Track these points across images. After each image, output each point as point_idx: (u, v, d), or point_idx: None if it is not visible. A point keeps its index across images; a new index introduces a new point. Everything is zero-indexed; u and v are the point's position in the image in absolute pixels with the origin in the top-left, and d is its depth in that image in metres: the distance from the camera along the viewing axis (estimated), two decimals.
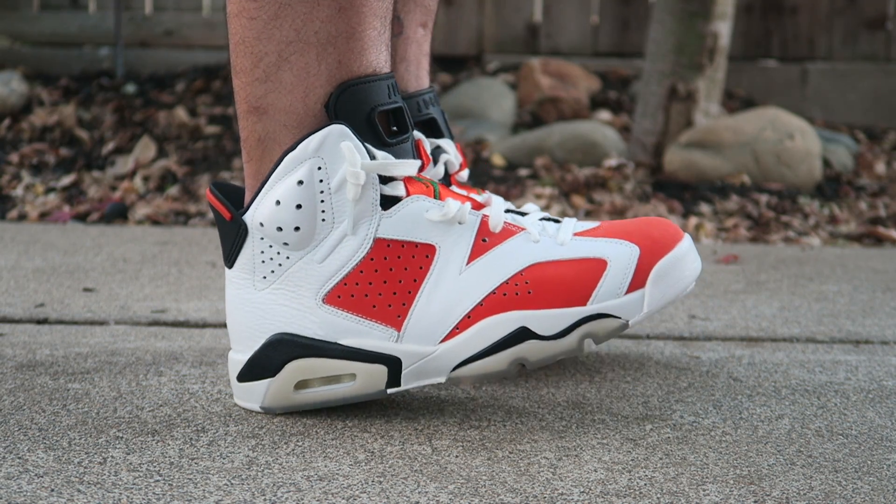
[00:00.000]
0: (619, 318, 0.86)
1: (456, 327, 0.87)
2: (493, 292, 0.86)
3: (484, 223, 0.89)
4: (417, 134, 1.04)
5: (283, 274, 0.88)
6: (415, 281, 0.87)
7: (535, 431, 0.87)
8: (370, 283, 0.87)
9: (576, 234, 0.90)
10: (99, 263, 1.64)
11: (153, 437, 0.84)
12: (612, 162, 2.68)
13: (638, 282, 0.86)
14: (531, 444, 0.84)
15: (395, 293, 0.87)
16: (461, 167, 1.09)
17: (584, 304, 0.86)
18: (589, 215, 2.42)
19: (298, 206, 0.86)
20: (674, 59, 2.77)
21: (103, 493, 0.73)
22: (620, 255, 0.87)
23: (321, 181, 0.86)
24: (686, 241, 0.89)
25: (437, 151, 1.07)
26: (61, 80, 3.44)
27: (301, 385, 0.88)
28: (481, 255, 0.87)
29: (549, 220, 0.93)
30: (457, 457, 0.81)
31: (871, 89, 3.39)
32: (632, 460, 0.81)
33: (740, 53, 3.46)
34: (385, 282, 0.87)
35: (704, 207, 2.48)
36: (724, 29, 2.79)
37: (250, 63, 0.86)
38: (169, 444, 0.83)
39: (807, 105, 3.38)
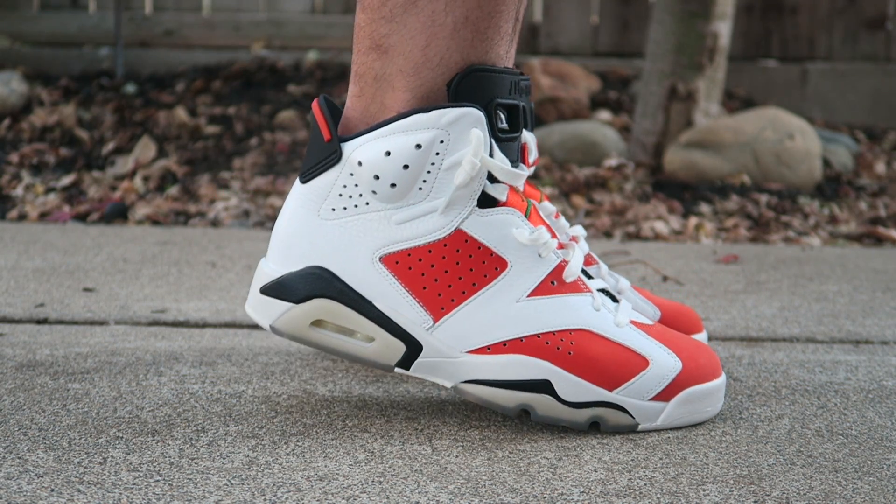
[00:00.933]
0: (633, 418, 0.87)
1: (488, 347, 0.86)
2: (538, 336, 0.86)
3: (560, 267, 0.88)
4: (526, 136, 1.02)
5: (355, 216, 0.86)
6: (474, 285, 0.86)
7: (535, 431, 0.87)
8: (432, 266, 0.86)
9: (632, 322, 0.90)
10: (99, 263, 1.64)
11: (153, 437, 0.84)
12: (612, 162, 2.68)
13: (666, 395, 0.87)
14: (531, 444, 0.84)
15: (449, 286, 0.86)
16: (534, 162, 1.08)
17: (610, 389, 0.86)
18: (589, 215, 2.42)
19: (405, 167, 0.84)
20: (674, 59, 2.77)
21: (103, 493, 0.73)
22: (664, 363, 0.88)
23: (437, 154, 0.84)
24: (721, 380, 0.91)
25: (508, 143, 1.06)
26: (61, 80, 3.44)
27: (317, 323, 0.87)
28: (544, 294, 0.87)
29: (608, 294, 0.93)
30: (457, 457, 0.81)
31: (871, 89, 3.40)
32: (632, 460, 0.81)
33: (740, 53, 3.46)
34: (446, 271, 0.86)
35: (704, 207, 2.48)
36: (724, 29, 2.79)
37: (379, 1, 0.85)
38: (169, 444, 0.83)
39: (807, 105, 3.38)
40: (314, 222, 0.87)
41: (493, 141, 0.86)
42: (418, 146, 0.84)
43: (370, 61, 0.86)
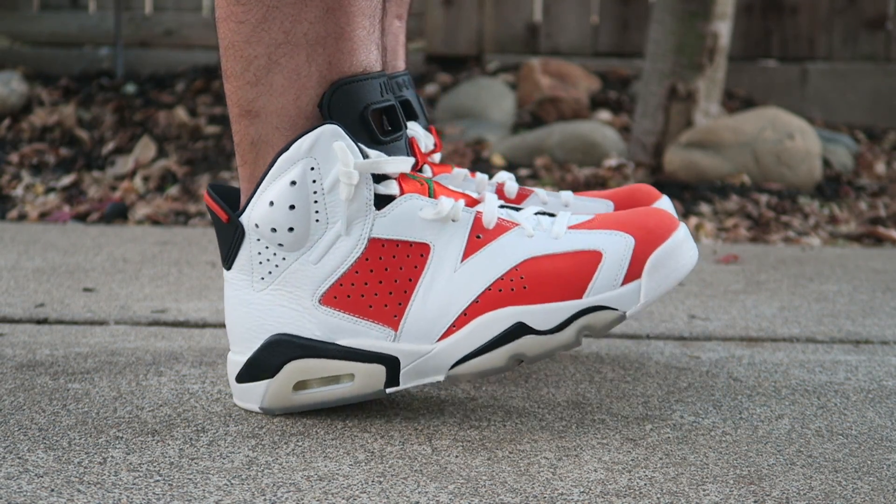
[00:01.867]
0: (616, 309, 0.86)
1: (452, 325, 0.87)
2: (489, 289, 0.86)
3: (478, 220, 0.89)
4: (412, 131, 1.04)
5: (281, 275, 0.88)
6: (410, 280, 0.87)
7: (535, 431, 0.87)
8: (366, 284, 0.87)
9: (570, 227, 0.89)
10: (99, 263, 1.64)
11: (153, 437, 0.84)
12: (612, 162, 2.68)
13: (634, 273, 0.86)
14: (531, 444, 0.84)
15: (390, 293, 0.87)
16: (435, 149, 1.09)
17: (580, 297, 0.86)
18: None
19: (292, 207, 0.86)
20: (674, 59, 2.77)
21: (103, 493, 0.73)
22: (615, 246, 0.87)
23: (314, 181, 0.86)
24: (681, 230, 0.89)
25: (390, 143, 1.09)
26: (61, 80, 3.44)
27: (300, 386, 0.88)
28: (475, 251, 0.87)
29: (544, 214, 0.93)
30: (457, 457, 0.81)
31: (871, 89, 3.40)
32: (632, 460, 0.81)
33: (740, 53, 3.46)
34: (381, 282, 0.87)
35: (704, 207, 2.48)
36: (724, 29, 2.79)
37: (240, 67, 0.86)
38: (169, 444, 0.83)
39: (807, 105, 3.38)
40: (253, 298, 0.89)
41: (361, 145, 0.86)
42: (293, 182, 0.85)
43: (244, 128, 0.87)
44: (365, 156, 0.86)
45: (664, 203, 1.09)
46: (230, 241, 0.89)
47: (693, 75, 2.77)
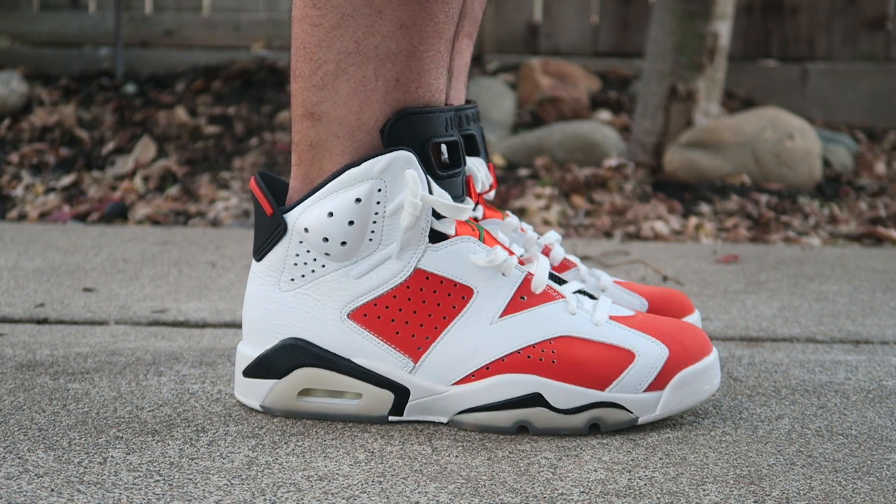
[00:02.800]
0: (631, 413, 0.87)
1: (472, 374, 0.86)
2: (518, 352, 0.86)
3: (527, 281, 0.88)
4: (471, 169, 1.03)
5: (314, 281, 0.88)
6: (444, 318, 0.87)
7: None
8: (400, 310, 0.86)
9: (612, 318, 0.90)
10: (99, 263, 1.64)
11: (153, 437, 0.84)
12: (612, 162, 2.68)
13: (659, 383, 0.87)
14: (531, 444, 0.84)
15: (421, 325, 0.86)
16: (490, 188, 1.08)
17: (602, 389, 0.86)
18: (589, 215, 2.42)
19: (350, 223, 0.86)
20: (674, 59, 2.77)
21: (103, 493, 0.73)
22: (650, 352, 0.87)
23: (378, 203, 0.85)
24: (713, 356, 0.90)
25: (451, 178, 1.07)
26: (61, 80, 3.44)
27: (305, 392, 0.88)
28: (517, 311, 0.87)
29: (583, 293, 0.93)
30: (457, 457, 0.81)
31: (871, 89, 3.40)
32: (632, 460, 0.81)
33: (740, 53, 3.46)
34: (415, 312, 0.86)
35: (704, 207, 2.48)
36: (724, 29, 2.79)
37: (309, 69, 0.86)
38: (169, 444, 0.83)
39: (807, 105, 3.38)
40: (277, 296, 0.89)
41: (430, 179, 0.86)
42: (358, 200, 0.85)
43: (304, 129, 0.87)
44: (430, 189, 0.86)
45: (695, 317, 1.10)
46: (268, 234, 0.88)
47: (693, 75, 2.77)
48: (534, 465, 0.80)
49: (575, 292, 0.92)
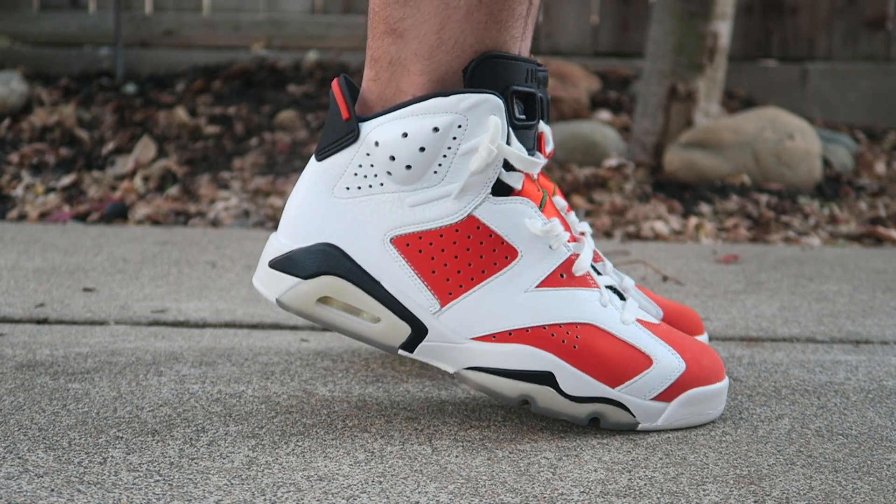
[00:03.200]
0: (634, 417, 0.87)
1: (493, 335, 0.86)
2: (544, 327, 0.86)
3: (570, 260, 0.88)
4: (542, 126, 1.01)
5: (369, 196, 0.86)
6: (483, 272, 0.86)
7: (535, 431, 0.87)
8: (442, 250, 0.85)
9: (638, 321, 0.90)
10: (99, 263, 1.64)
11: (153, 437, 0.84)
12: (612, 162, 2.68)
13: (668, 395, 0.87)
14: (531, 444, 0.84)
15: (459, 272, 0.85)
16: (548, 155, 1.07)
17: (613, 386, 0.86)
18: (589, 215, 2.42)
19: (422, 149, 0.84)
20: (674, 59, 2.77)
21: (103, 493, 0.73)
22: (668, 363, 0.87)
23: (454, 139, 0.84)
24: (724, 383, 0.90)
25: (525, 131, 1.04)
26: (61, 80, 3.44)
27: (324, 300, 0.87)
28: (553, 287, 0.87)
29: (614, 290, 0.93)
30: (457, 457, 0.81)
31: (871, 89, 3.40)
32: (632, 460, 0.81)
33: (740, 53, 3.46)
34: (456, 257, 0.85)
35: (704, 207, 2.48)
36: (724, 29, 2.79)
37: None
38: (169, 444, 0.83)
39: (807, 105, 3.38)
40: (327, 200, 0.87)
41: (510, 129, 0.85)
42: (436, 129, 0.84)
43: (385, 45, 0.86)
44: (509, 140, 0.85)
45: (703, 339, 1.10)
46: (338, 137, 0.87)
47: (693, 75, 2.77)
48: (534, 465, 0.80)
49: (607, 287, 0.92)
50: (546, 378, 0.85)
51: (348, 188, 0.87)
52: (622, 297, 0.93)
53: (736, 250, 1.95)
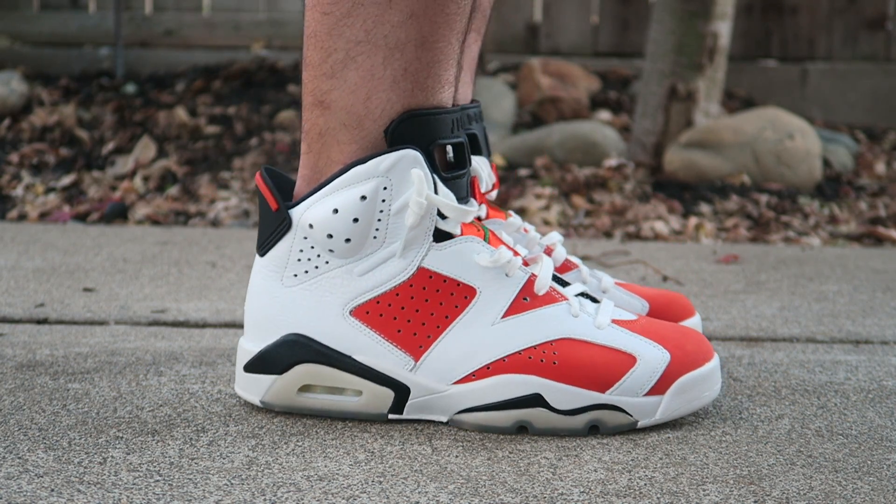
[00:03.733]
0: (631, 416, 0.87)
1: (473, 374, 0.86)
2: (520, 352, 0.86)
3: (530, 282, 0.88)
4: (476, 170, 1.02)
5: (317, 277, 0.88)
6: (446, 318, 0.87)
7: None
8: (402, 308, 0.86)
9: (614, 321, 0.90)
10: (99, 263, 1.64)
11: (153, 437, 0.84)
12: (612, 162, 2.68)
13: (660, 388, 0.87)
14: (531, 444, 0.84)
15: (423, 324, 0.86)
16: (493, 187, 1.07)
17: (603, 391, 0.86)
18: (589, 215, 2.42)
19: (355, 220, 0.85)
20: (674, 59, 2.77)
21: (103, 493, 0.73)
22: (652, 357, 0.88)
23: (384, 201, 0.85)
24: (714, 362, 0.90)
25: (455, 178, 1.06)
26: (61, 80, 3.44)
27: (305, 388, 0.88)
28: (519, 312, 0.87)
29: (586, 296, 0.93)
30: (457, 457, 0.81)
31: (871, 89, 3.39)
32: (632, 460, 0.81)
33: (740, 53, 3.46)
34: (417, 310, 0.86)
35: (704, 207, 2.48)
36: (724, 29, 2.79)
37: (319, 57, 0.86)
38: (169, 444, 0.83)
39: (807, 105, 3.38)
40: (280, 291, 0.89)
41: (436, 179, 0.86)
42: (363, 197, 0.85)
43: (314, 117, 0.87)
44: (437, 189, 0.86)
45: (696, 320, 1.10)
46: (272, 230, 0.88)
47: (693, 75, 2.77)
48: (534, 465, 0.80)
49: (578, 294, 0.92)
50: (535, 400, 0.86)
51: (296, 275, 0.88)
52: (596, 301, 0.93)
53: (736, 250, 1.95)
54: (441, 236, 0.87)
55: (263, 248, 0.89)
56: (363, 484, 0.75)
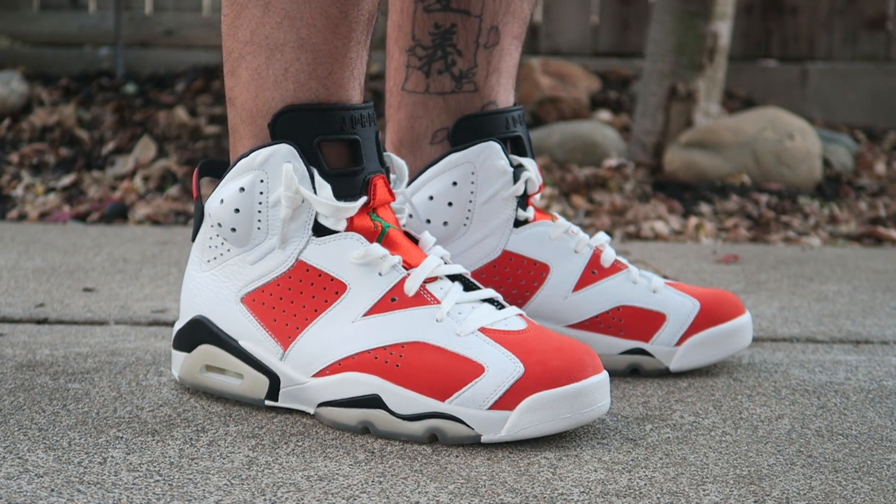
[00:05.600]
0: (472, 429, 0.82)
1: (326, 368, 0.87)
2: (368, 351, 0.86)
3: (401, 283, 0.87)
4: (528, 170, 1.03)
5: (223, 263, 0.92)
6: (315, 311, 0.88)
7: None
8: (280, 299, 0.89)
9: (484, 330, 0.85)
10: (99, 263, 1.64)
11: (153, 437, 0.84)
12: (612, 162, 2.68)
13: (507, 402, 0.82)
14: (531, 444, 0.84)
15: (294, 315, 0.88)
16: (539, 189, 1.07)
17: (442, 399, 0.83)
18: (589, 215, 2.42)
19: (237, 210, 0.90)
20: (674, 59, 2.77)
21: (103, 493, 0.73)
22: (501, 369, 0.83)
23: (261, 193, 0.89)
24: (592, 380, 0.83)
25: (518, 170, 1.05)
26: (61, 80, 3.44)
27: (208, 368, 0.93)
28: (383, 312, 0.87)
29: (495, 303, 0.89)
30: (457, 457, 0.81)
31: (871, 89, 3.39)
32: (632, 460, 0.81)
33: (740, 53, 3.46)
34: (292, 302, 0.89)
35: (704, 207, 2.48)
36: (724, 29, 2.79)
37: (224, 57, 0.91)
38: (169, 444, 0.83)
39: (807, 105, 3.38)
40: (197, 276, 0.94)
41: (315, 175, 0.87)
42: (242, 189, 0.89)
43: (229, 113, 0.92)
44: (314, 184, 0.87)
45: (745, 318, 1.06)
46: (196, 218, 0.95)
47: (693, 75, 2.77)
48: (534, 465, 0.80)
49: (486, 300, 0.89)
50: (374, 401, 0.85)
51: (209, 261, 0.93)
52: (501, 306, 0.89)
53: (736, 250, 1.95)
54: (322, 231, 0.88)
55: (194, 234, 0.95)
56: (363, 484, 0.75)
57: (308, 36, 0.87)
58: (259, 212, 0.89)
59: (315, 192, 0.87)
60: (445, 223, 0.97)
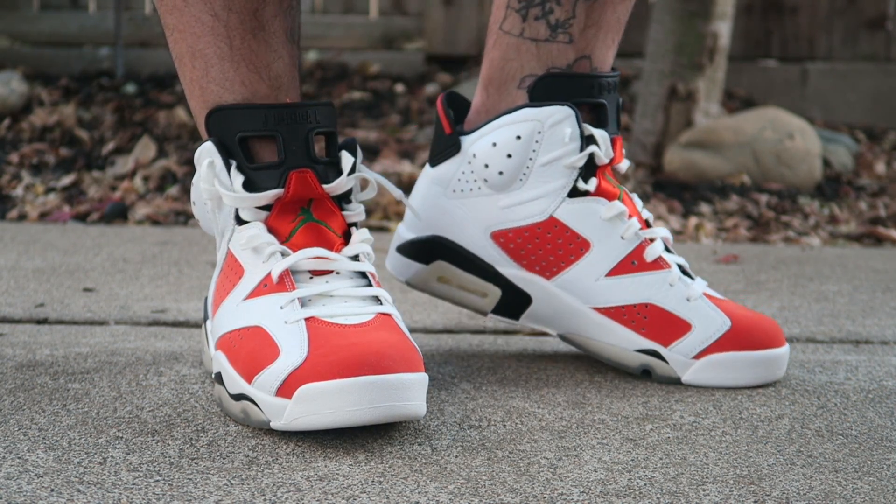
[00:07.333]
0: (264, 413, 0.83)
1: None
2: (230, 332, 0.89)
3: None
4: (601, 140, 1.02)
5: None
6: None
7: (535, 431, 0.87)
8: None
9: (310, 319, 0.85)
10: (99, 263, 1.64)
11: (153, 437, 0.84)
12: None
13: (286, 391, 0.80)
14: (531, 444, 0.84)
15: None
16: (614, 160, 1.04)
17: (248, 381, 0.84)
18: None
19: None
20: (674, 59, 2.77)
21: (103, 493, 0.73)
22: (287, 355, 0.82)
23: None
24: (358, 380, 0.79)
25: (587, 141, 1.02)
26: (61, 80, 3.44)
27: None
28: (260, 295, 0.88)
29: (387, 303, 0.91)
30: (457, 457, 0.81)
31: (871, 89, 3.40)
32: (632, 460, 0.81)
33: (740, 53, 3.46)
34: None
35: (704, 207, 2.48)
36: (724, 29, 2.79)
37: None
38: (169, 444, 0.83)
39: (807, 105, 3.38)
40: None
41: (234, 167, 0.90)
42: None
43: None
44: (230, 175, 0.90)
45: (777, 352, 1.01)
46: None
47: (693, 75, 2.77)
48: (534, 465, 0.80)
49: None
50: (218, 378, 0.89)
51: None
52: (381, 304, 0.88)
53: (736, 250, 1.95)
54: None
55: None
56: (363, 484, 0.75)
57: (194, 43, 0.91)
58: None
59: (232, 183, 0.90)
60: (501, 172, 1.00)
